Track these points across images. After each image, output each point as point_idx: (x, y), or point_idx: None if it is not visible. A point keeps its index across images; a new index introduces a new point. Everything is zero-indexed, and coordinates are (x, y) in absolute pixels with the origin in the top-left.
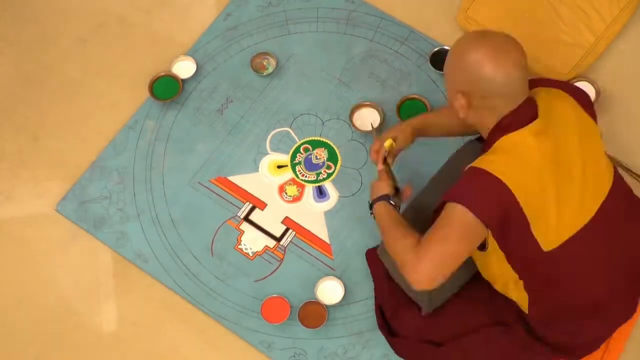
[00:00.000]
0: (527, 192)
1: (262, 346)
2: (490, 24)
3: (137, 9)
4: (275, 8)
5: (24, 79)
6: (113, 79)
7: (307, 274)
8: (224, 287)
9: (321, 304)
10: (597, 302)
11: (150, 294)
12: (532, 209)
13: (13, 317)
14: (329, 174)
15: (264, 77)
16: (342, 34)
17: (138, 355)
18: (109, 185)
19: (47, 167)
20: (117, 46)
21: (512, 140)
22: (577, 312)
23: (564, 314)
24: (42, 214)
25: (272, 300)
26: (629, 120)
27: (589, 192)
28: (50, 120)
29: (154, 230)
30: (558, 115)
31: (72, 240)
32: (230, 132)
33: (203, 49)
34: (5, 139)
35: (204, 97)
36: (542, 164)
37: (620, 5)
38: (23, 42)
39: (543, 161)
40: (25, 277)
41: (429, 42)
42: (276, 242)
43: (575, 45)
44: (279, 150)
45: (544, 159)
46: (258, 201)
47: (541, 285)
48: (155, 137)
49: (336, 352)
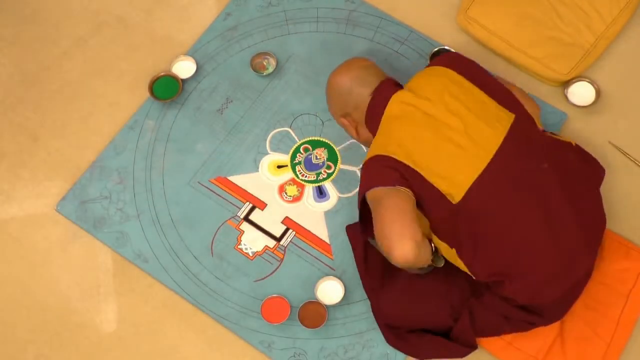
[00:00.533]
0: (407, 153)
1: (262, 346)
2: (490, 23)
3: (137, 9)
4: (275, 8)
5: (24, 79)
6: (113, 79)
7: (307, 274)
8: (224, 287)
9: (321, 304)
10: (526, 247)
11: (150, 294)
12: (421, 165)
13: (13, 317)
14: (329, 174)
15: (264, 77)
16: (342, 34)
17: (138, 355)
18: (109, 185)
19: (47, 167)
20: (117, 46)
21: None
22: (512, 263)
23: (501, 269)
24: (42, 214)
25: (272, 300)
26: (629, 120)
27: (480, 138)
28: (50, 120)
29: (154, 230)
30: (428, 83)
31: (72, 240)
32: (230, 132)
33: (203, 49)
34: (5, 139)
35: (203, 97)
36: (414, 125)
37: (620, 5)
38: (23, 42)
39: (414, 122)
40: (25, 277)
41: (429, 42)
42: (276, 242)
43: (575, 45)
44: (279, 150)
45: (416, 120)
46: (258, 201)
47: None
48: (155, 137)
49: (336, 352)
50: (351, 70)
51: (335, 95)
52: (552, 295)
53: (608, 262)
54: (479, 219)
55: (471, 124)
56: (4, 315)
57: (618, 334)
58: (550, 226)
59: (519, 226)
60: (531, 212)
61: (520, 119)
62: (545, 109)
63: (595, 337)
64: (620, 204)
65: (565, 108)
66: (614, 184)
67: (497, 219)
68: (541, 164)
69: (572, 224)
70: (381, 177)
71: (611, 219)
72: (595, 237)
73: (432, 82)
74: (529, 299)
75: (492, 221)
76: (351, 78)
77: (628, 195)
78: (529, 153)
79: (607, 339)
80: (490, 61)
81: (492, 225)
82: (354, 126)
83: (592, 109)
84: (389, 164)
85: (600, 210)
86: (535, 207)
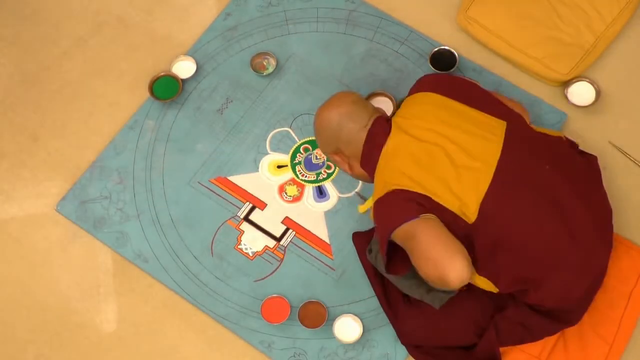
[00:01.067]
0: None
1: (262, 346)
2: (490, 23)
3: (137, 9)
4: (275, 8)
5: (24, 79)
6: (113, 79)
7: (307, 274)
8: (224, 287)
9: (321, 304)
10: (548, 249)
11: (150, 294)
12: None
13: (13, 317)
14: (329, 174)
15: (264, 77)
16: (342, 34)
17: (138, 355)
18: (109, 185)
19: (47, 167)
20: (117, 46)
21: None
22: (536, 269)
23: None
24: (42, 214)
25: (272, 300)
26: (629, 120)
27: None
28: (50, 120)
29: (154, 230)
30: (417, 115)
31: (72, 240)
32: (230, 132)
33: (203, 49)
34: (5, 139)
35: (204, 97)
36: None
37: (620, 5)
38: (23, 42)
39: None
40: (25, 277)
41: (429, 42)
42: (276, 242)
43: (575, 45)
44: (279, 150)
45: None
46: (258, 201)
47: (486, 256)
48: (155, 137)
49: (336, 352)
50: (340, 106)
51: (324, 131)
52: (578, 293)
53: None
54: (496, 232)
55: (467, 142)
56: (4, 315)
57: (620, 334)
58: (566, 225)
59: (537, 230)
60: (546, 214)
61: (513, 124)
62: (545, 109)
63: (597, 337)
64: (620, 204)
65: (565, 108)
66: (614, 184)
67: (515, 228)
68: (543, 166)
69: (586, 219)
70: (402, 213)
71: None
72: (607, 229)
73: (420, 112)
74: (555, 301)
75: (509, 231)
76: (340, 114)
77: (628, 195)
78: (529, 156)
79: (609, 339)
80: (490, 61)
81: (510, 235)
82: (347, 161)
83: (592, 109)
84: (404, 196)
85: (606, 201)
86: (549, 208)
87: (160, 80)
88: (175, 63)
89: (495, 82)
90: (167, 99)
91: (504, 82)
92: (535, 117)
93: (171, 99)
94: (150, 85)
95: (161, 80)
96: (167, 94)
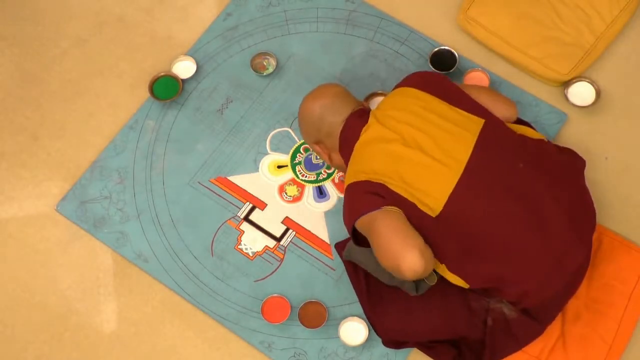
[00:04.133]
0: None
1: (262, 346)
2: (490, 24)
3: (137, 8)
4: (275, 8)
5: (24, 79)
6: (113, 79)
7: (307, 274)
8: (224, 287)
9: (321, 304)
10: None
11: (150, 294)
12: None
13: (13, 317)
14: (329, 174)
15: (264, 77)
16: (342, 34)
17: (138, 355)
18: (109, 185)
19: (47, 167)
20: (117, 46)
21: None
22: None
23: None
24: (42, 214)
25: (272, 300)
26: (629, 120)
27: (451, 149)
28: (50, 120)
29: (154, 230)
30: (394, 106)
31: (72, 240)
32: (230, 132)
33: (203, 49)
34: (5, 139)
35: (204, 97)
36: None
37: (620, 6)
38: (23, 42)
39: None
40: (25, 277)
41: (429, 42)
42: (276, 242)
43: (575, 45)
44: (279, 150)
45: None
46: (258, 201)
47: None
48: (155, 137)
49: (336, 352)
50: (322, 98)
51: (306, 121)
52: (549, 292)
53: (609, 262)
54: (462, 229)
55: (440, 137)
56: (4, 315)
57: (620, 334)
58: (535, 223)
59: (503, 228)
60: (513, 213)
61: (490, 123)
62: (545, 109)
63: (597, 337)
64: (620, 204)
65: (565, 108)
66: (614, 184)
67: (481, 225)
68: (516, 164)
69: (561, 218)
70: (364, 204)
71: (612, 219)
72: (586, 228)
73: (397, 103)
74: (529, 299)
75: (475, 228)
76: (321, 106)
77: (628, 195)
78: (502, 155)
79: (608, 339)
80: (490, 61)
81: (476, 232)
82: (327, 153)
83: (592, 109)
84: (368, 188)
85: (587, 200)
86: (517, 206)
87: (160, 80)
88: (175, 63)
89: (495, 82)
90: (167, 99)
91: (503, 82)
92: (535, 117)
93: (171, 99)
94: (151, 85)
95: (161, 81)
96: (167, 94)
